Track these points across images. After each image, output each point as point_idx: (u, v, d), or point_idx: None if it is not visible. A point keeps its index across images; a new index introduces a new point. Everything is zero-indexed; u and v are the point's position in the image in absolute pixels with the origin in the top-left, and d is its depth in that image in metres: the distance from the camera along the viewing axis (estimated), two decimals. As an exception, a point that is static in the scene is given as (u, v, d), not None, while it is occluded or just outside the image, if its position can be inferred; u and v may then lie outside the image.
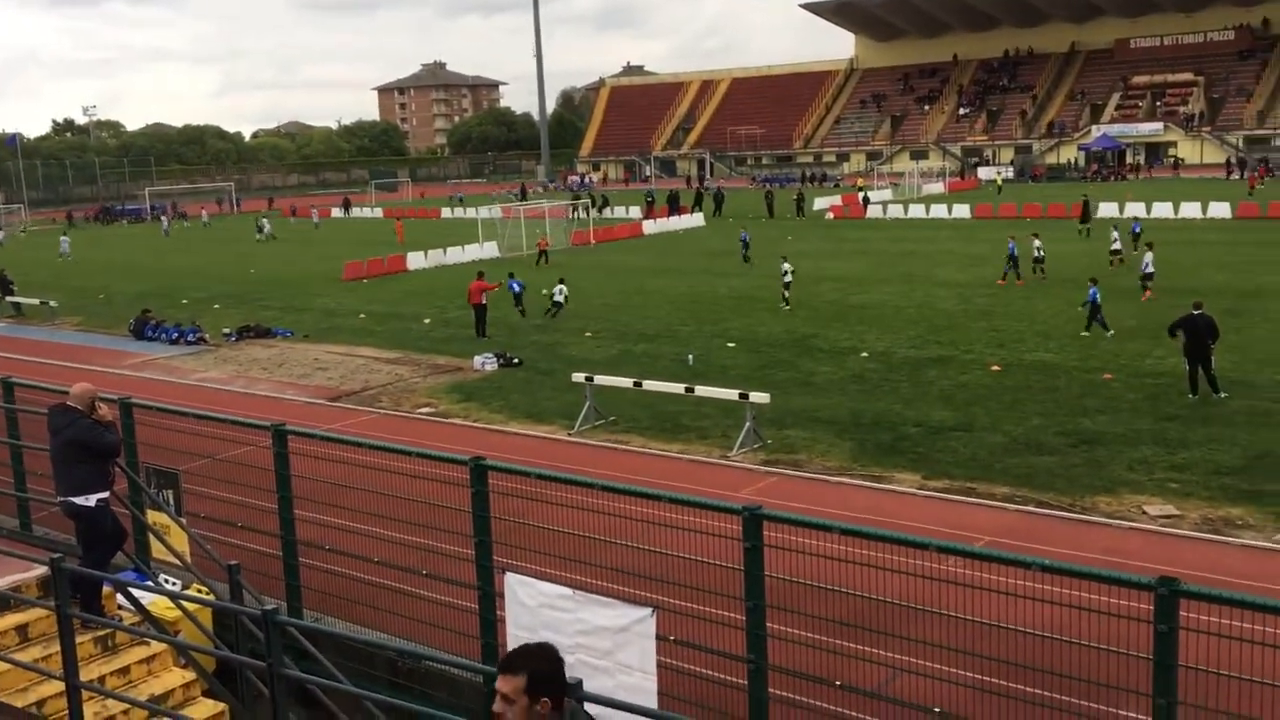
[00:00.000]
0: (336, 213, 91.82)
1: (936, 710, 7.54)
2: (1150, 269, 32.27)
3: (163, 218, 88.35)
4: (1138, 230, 42.41)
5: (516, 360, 27.09)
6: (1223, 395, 20.22)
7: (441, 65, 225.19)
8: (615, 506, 8.92)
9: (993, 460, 17.48)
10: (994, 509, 15.37)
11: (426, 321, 34.44)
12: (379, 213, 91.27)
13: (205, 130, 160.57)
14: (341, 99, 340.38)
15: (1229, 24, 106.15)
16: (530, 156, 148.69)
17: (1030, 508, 15.31)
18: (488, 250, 54.28)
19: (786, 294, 33.40)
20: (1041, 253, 36.97)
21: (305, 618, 10.88)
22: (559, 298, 33.68)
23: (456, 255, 51.95)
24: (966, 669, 7.99)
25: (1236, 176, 79.30)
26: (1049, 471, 16.73)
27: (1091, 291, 27.19)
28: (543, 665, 4.09)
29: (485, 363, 26.83)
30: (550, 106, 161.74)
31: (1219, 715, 6.41)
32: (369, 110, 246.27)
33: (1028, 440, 18.41)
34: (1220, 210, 55.00)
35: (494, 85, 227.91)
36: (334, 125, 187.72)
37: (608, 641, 7.90)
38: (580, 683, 5.95)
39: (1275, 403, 19.82)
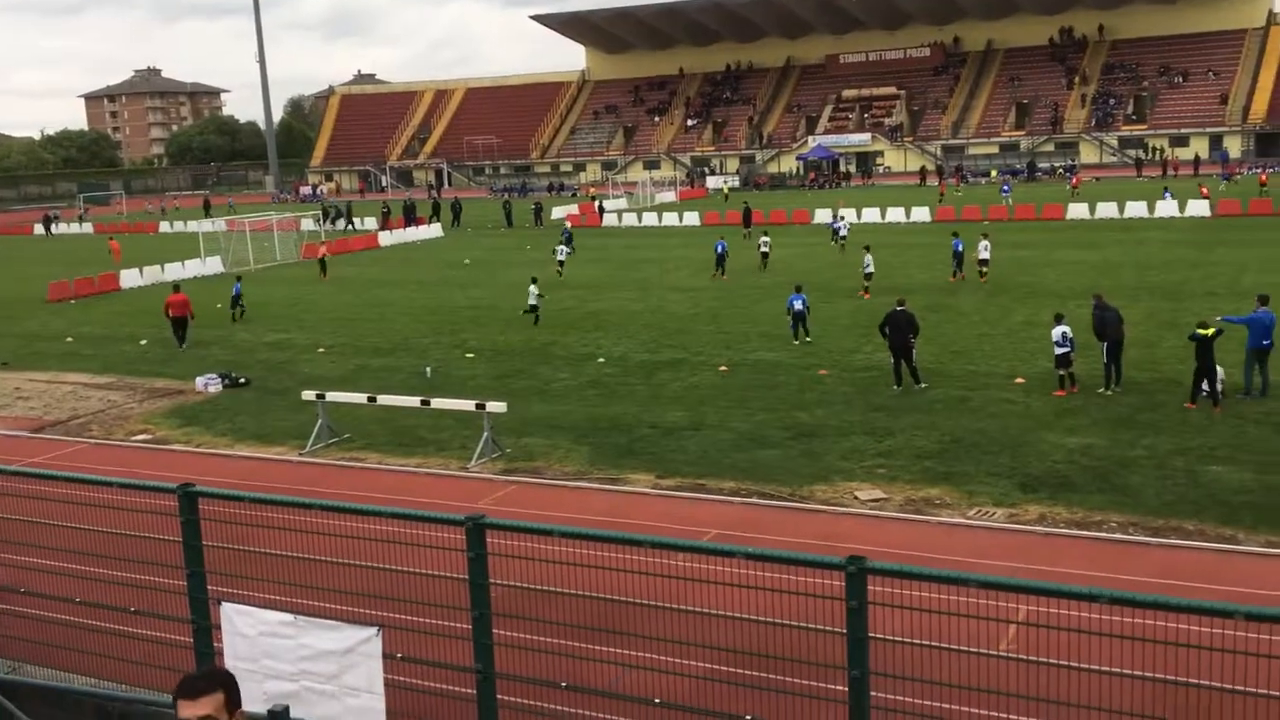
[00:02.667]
0: (39, 229, 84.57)
1: (656, 701, 7.81)
2: (870, 269, 34.53)
3: None
4: (843, 231, 45.86)
5: (243, 380, 25.91)
6: (923, 385, 21.93)
7: (156, 71, 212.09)
8: (340, 526, 8.71)
9: (721, 456, 18.24)
10: (722, 503, 16.05)
11: (143, 343, 32.38)
12: (89, 228, 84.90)
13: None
14: (45, 107, 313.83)
15: (925, 41, 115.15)
16: (258, 167, 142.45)
17: (754, 499, 16.09)
18: (211, 266, 51.63)
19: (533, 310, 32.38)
20: (767, 247, 41.60)
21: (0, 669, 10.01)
22: (534, 300, 32.15)
23: (177, 272, 49.02)
24: (691, 659, 8.32)
25: (935, 183, 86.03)
26: (771, 464, 17.63)
27: (793, 298, 27.50)
28: (228, 678, 4.19)
29: (209, 384, 25.52)
30: (278, 115, 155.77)
31: (909, 683, 6.95)
32: (76, 119, 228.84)
33: (752, 435, 19.32)
34: (921, 215, 59.55)
35: (215, 93, 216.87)
36: (36, 135, 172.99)
37: (333, 665, 7.70)
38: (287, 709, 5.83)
39: (969, 390, 21.68)
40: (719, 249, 40.96)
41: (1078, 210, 55.98)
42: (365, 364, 27.77)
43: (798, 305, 27.21)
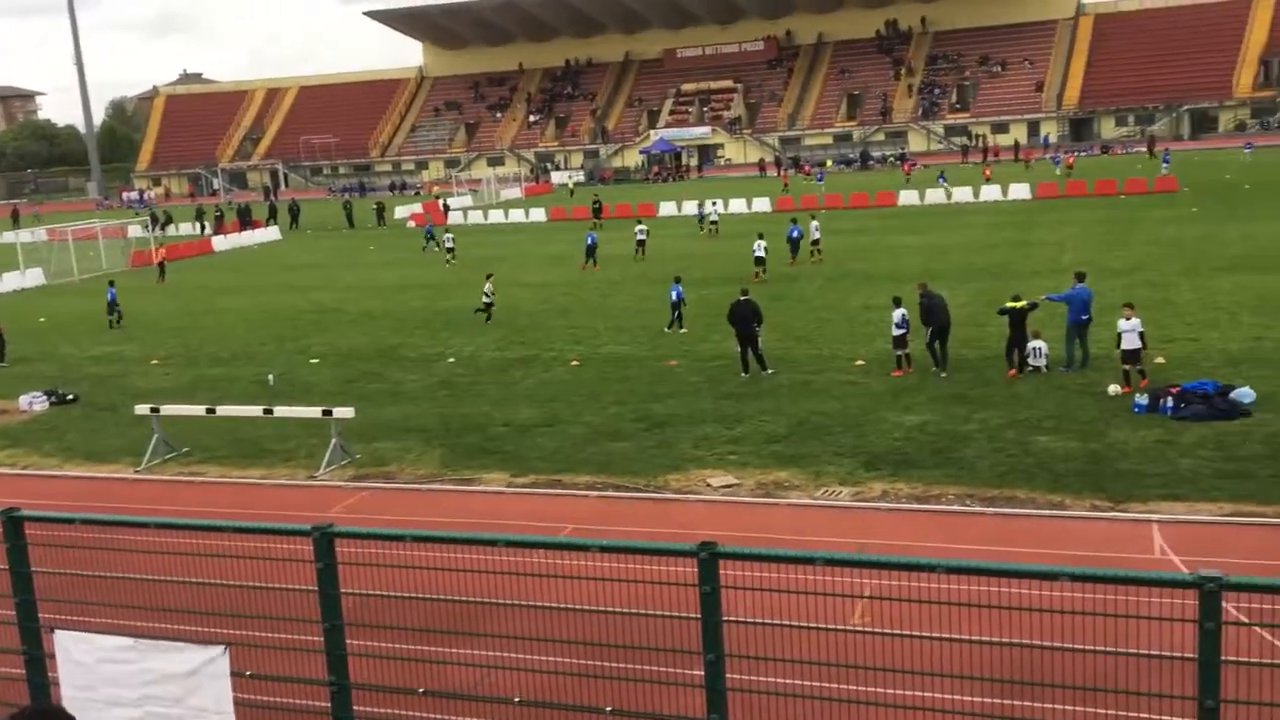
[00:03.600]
0: None
1: (517, 700, 7.80)
2: (760, 253, 35.48)
3: None
4: (713, 216, 46.30)
5: (71, 396, 24.63)
6: (770, 372, 22.44)
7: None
8: (181, 544, 8.40)
9: (575, 451, 18.28)
10: (578, 498, 16.10)
11: (-42, 362, 30.40)
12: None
13: None
14: None
15: (759, 35, 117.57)
16: (79, 173, 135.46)
17: (610, 492, 16.20)
18: (32, 278, 48.88)
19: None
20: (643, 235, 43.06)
21: None
22: (488, 299, 31.06)
23: (-9, 285, 46.19)
24: (550, 655, 8.33)
25: (774, 174, 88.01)
26: (626, 456, 17.77)
27: (675, 289, 28.21)
28: (60, 715, 4.04)
29: (34, 402, 24.17)
30: (99, 118, 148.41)
31: (765, 662, 7.12)
32: None
33: (606, 429, 19.43)
34: (762, 205, 60.85)
35: (29, 96, 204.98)
36: None
37: (178, 688, 7.42)
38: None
39: (813, 374, 22.29)
40: (590, 241, 41.49)
41: (908, 197, 58.13)
42: (203, 374, 26.77)
43: (673, 296, 27.98)
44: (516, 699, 7.77)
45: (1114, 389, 19.28)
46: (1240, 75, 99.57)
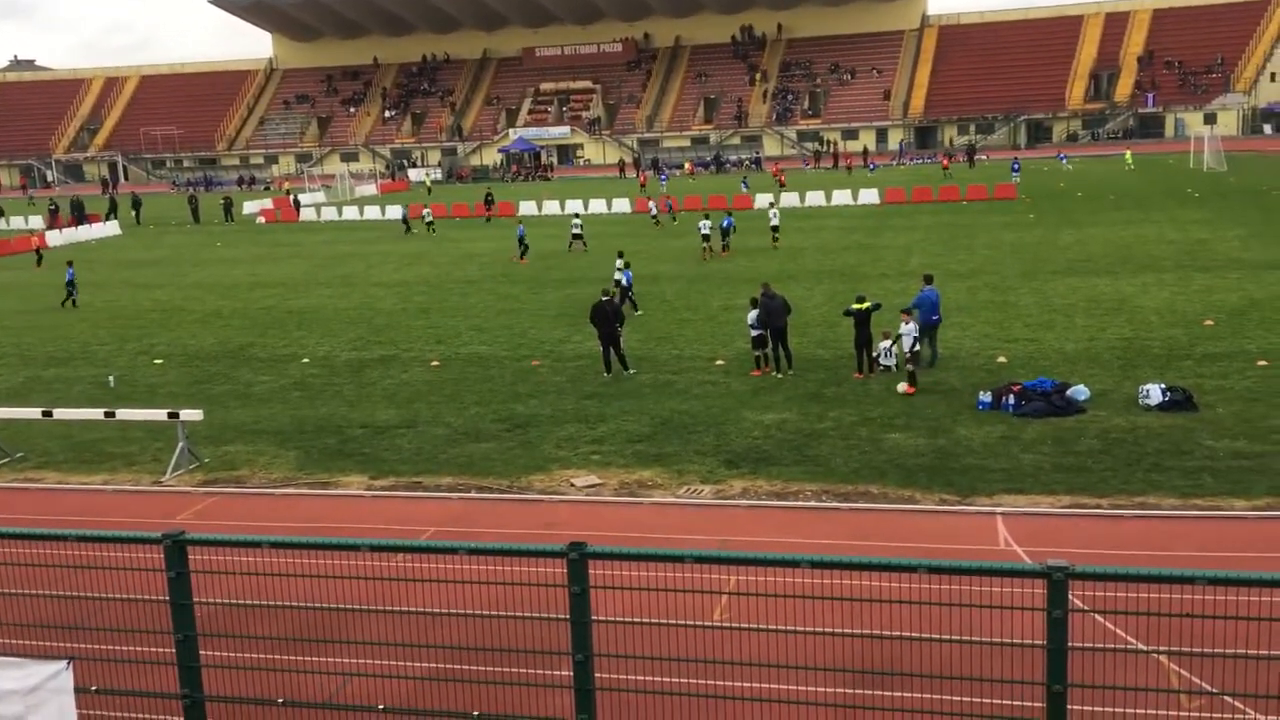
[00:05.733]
0: None
1: (381, 708, 7.65)
2: (706, 231, 39.32)
3: None
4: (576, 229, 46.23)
5: (-111, 401, 23.03)
6: (632, 371, 22.58)
7: None
8: (17, 554, 7.95)
9: (437, 452, 18.02)
10: (440, 499, 15.88)
11: None
12: None
13: None
14: None
15: (617, 37, 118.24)
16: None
17: (473, 494, 16.03)
18: None
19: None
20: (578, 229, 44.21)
21: None
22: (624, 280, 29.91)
23: None
24: (415, 660, 8.19)
25: (633, 175, 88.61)
26: (488, 457, 17.61)
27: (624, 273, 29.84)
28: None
29: None
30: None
31: (637, 660, 7.16)
32: None
33: (468, 429, 19.22)
34: (622, 205, 61.18)
35: None
36: None
37: (18, 705, 7.02)
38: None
39: (674, 374, 22.51)
40: (520, 233, 42.26)
41: (763, 200, 59.28)
42: (37, 375, 25.40)
43: (624, 280, 29.45)
44: (381, 706, 7.62)
45: (902, 387, 20.25)
46: (1073, 88, 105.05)
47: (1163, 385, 18.75)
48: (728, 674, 7.21)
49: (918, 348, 20.53)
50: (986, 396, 19.08)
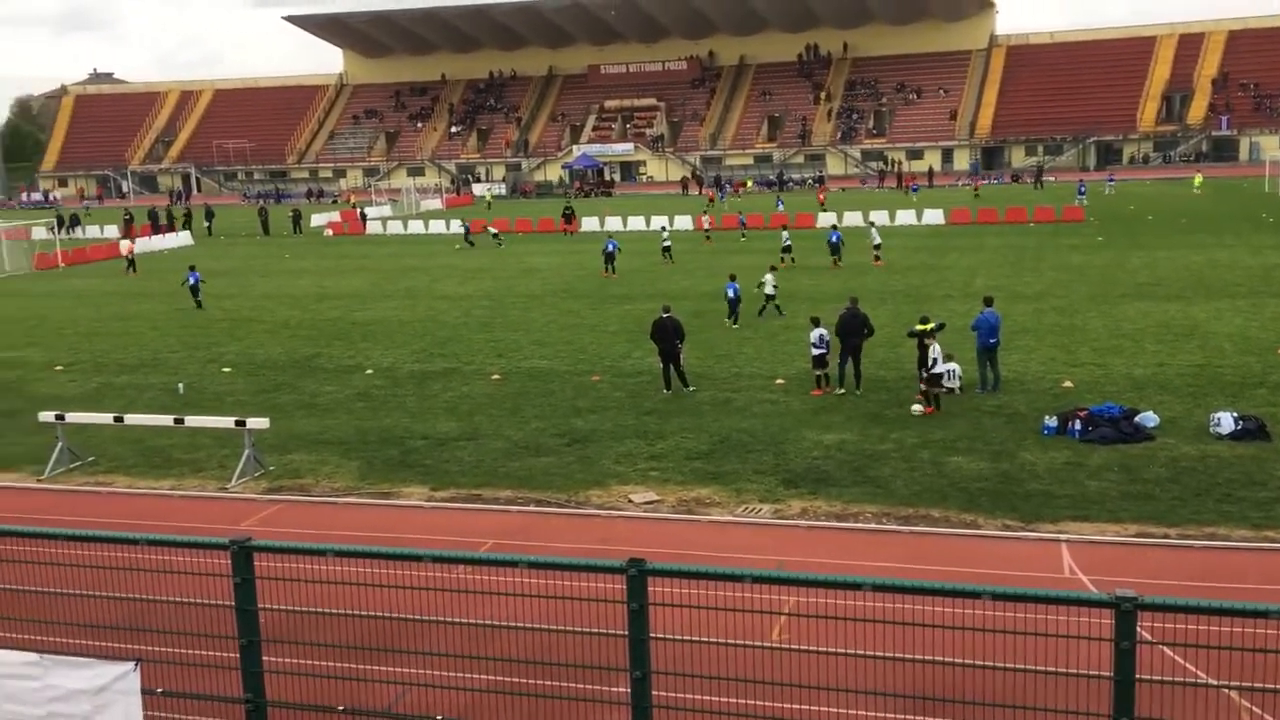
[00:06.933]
0: None
1: (439, 719, 7.70)
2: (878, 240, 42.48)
3: None
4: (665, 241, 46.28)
5: (-32, 403, 23.74)
6: (691, 389, 22.55)
7: None
8: (88, 556, 8.14)
9: (496, 465, 18.14)
10: (499, 512, 15.98)
11: None
12: None
13: None
14: None
15: (682, 55, 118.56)
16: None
17: (531, 507, 16.10)
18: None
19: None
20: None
21: None
22: (769, 289, 30.69)
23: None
24: (473, 672, 8.23)
25: (696, 192, 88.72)
26: (547, 471, 17.68)
27: (728, 287, 29.74)
28: None
29: (-72, 408, 23.23)
30: (2, 116, 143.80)
31: (693, 679, 7.14)
32: None
33: (528, 443, 19.32)
34: (684, 223, 61.23)
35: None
36: None
37: (86, 705, 7.17)
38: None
39: (733, 392, 22.45)
40: (609, 248, 41.92)
41: (828, 219, 58.99)
42: (109, 382, 26.02)
43: (730, 293, 29.58)
44: (439, 717, 7.67)
45: (917, 409, 20.09)
46: (1144, 110, 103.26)
47: (1235, 413, 18.31)
48: (786, 696, 7.15)
49: (939, 369, 20.26)
50: (1052, 421, 18.77)
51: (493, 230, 56.29)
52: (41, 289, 44.74)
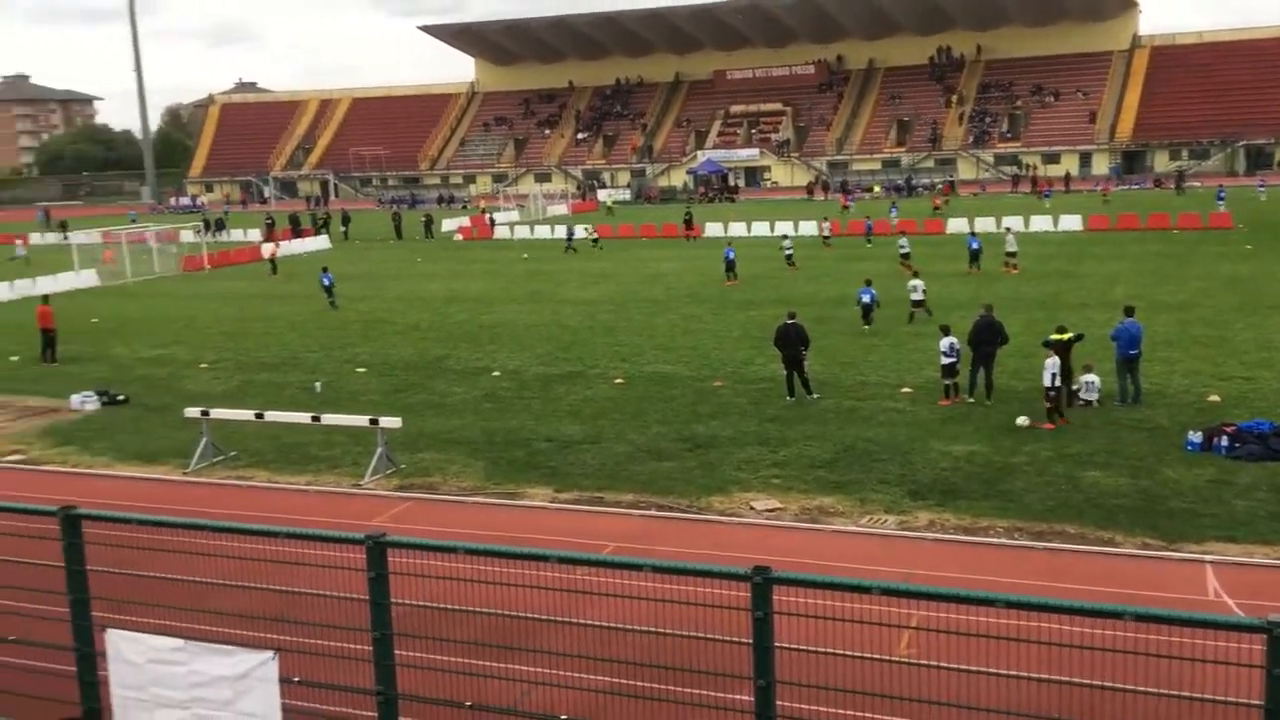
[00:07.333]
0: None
1: (562, 718, 7.77)
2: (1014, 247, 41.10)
3: None
4: (788, 249, 45.75)
5: (121, 397, 24.99)
6: (815, 396, 22.30)
7: (25, 78, 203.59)
8: (231, 547, 8.47)
9: (619, 469, 18.25)
10: (620, 515, 16.07)
11: (14, 359, 31.00)
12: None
13: None
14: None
15: (809, 59, 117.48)
16: (134, 177, 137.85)
17: (653, 511, 16.15)
18: (86, 279, 49.74)
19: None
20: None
21: None
22: (918, 295, 31.05)
23: (49, 286, 47.00)
24: (596, 673, 8.29)
25: (821, 197, 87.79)
26: (668, 476, 17.71)
27: (862, 292, 29.69)
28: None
29: (85, 401, 24.54)
30: (155, 123, 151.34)
31: (816, 690, 7.05)
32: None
33: (650, 447, 19.39)
34: (808, 229, 60.64)
35: (88, 100, 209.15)
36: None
37: (227, 691, 7.46)
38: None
39: (858, 400, 22.12)
40: (728, 255, 42.09)
41: (957, 225, 57.69)
42: (251, 379, 27.07)
43: (865, 299, 29.40)
44: (563, 717, 7.74)
45: (1023, 420, 19.49)
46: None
47: (1399, 432, 17.24)
48: (912, 711, 7.00)
49: (1058, 383, 19.51)
50: (1196, 437, 17.97)
51: (590, 231, 57.45)
52: (189, 290, 46.83)
